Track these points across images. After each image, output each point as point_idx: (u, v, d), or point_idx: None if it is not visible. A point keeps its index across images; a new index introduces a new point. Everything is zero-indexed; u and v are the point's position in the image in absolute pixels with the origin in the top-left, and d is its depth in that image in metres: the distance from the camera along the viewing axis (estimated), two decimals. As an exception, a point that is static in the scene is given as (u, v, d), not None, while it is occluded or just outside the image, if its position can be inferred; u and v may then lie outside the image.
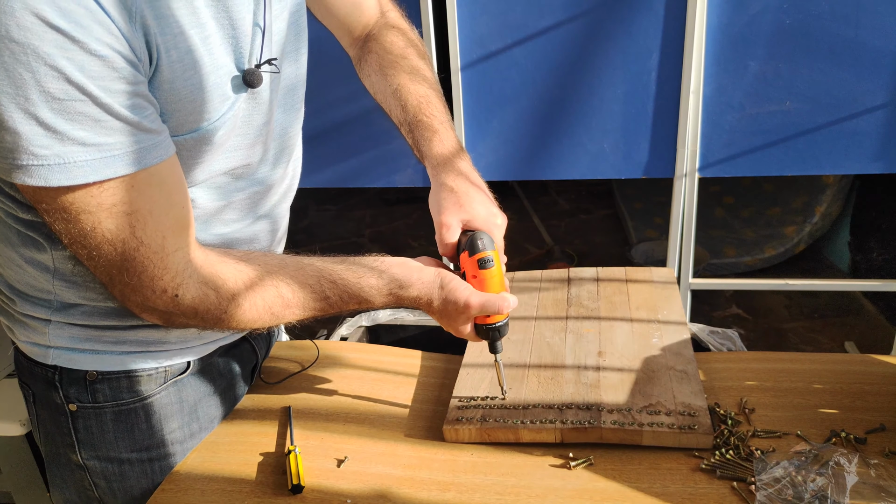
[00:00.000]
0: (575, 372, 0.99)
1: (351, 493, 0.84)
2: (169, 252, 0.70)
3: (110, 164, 0.63)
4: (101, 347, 0.82)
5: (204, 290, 0.74)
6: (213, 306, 0.75)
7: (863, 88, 1.52)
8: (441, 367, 1.10)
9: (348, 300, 0.83)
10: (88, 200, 0.63)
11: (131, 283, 0.70)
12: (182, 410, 0.91)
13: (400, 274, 0.84)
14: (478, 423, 0.91)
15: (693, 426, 0.86)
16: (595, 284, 1.23)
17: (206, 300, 0.75)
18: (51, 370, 0.83)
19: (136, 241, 0.67)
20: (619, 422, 0.88)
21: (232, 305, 0.76)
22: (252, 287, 0.77)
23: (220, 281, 0.75)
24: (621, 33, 1.57)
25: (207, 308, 0.75)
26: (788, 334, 2.57)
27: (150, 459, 0.89)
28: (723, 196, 3.33)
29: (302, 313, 0.82)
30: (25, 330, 0.83)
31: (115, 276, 0.70)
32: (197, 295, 0.74)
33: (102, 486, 0.88)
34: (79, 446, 0.86)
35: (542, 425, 0.89)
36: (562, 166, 1.73)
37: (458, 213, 0.89)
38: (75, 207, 0.63)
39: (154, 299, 0.72)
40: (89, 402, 0.84)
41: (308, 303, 0.81)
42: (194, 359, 0.90)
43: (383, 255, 0.87)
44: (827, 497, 0.75)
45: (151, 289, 0.71)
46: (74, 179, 0.61)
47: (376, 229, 3.56)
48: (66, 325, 0.81)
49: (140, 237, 0.67)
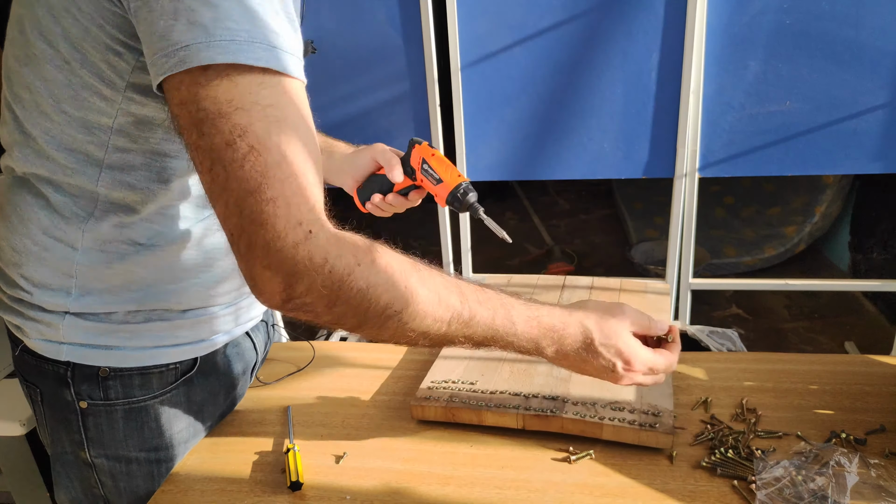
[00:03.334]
0: (549, 366, 1.01)
1: (350, 489, 0.84)
2: (310, 181, 0.64)
3: (282, 59, 0.62)
4: (115, 343, 0.82)
5: (340, 236, 0.67)
6: (348, 253, 0.66)
7: (863, 88, 1.52)
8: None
9: (485, 301, 0.75)
10: (249, 95, 0.61)
11: (264, 210, 0.62)
12: (190, 410, 0.91)
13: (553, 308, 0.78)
14: (444, 403, 0.94)
15: (654, 425, 0.86)
16: (588, 292, 1.24)
17: (342, 244, 0.66)
18: (63, 367, 0.83)
19: (279, 153, 0.62)
20: (581, 413, 0.89)
21: (368, 257, 0.67)
22: (389, 251, 0.70)
23: (361, 238, 0.69)
24: (621, 33, 1.57)
25: (341, 253, 0.65)
26: (788, 334, 2.57)
27: (157, 460, 0.89)
28: (723, 196, 3.33)
29: (434, 297, 0.71)
30: (38, 326, 0.83)
31: (247, 202, 0.62)
32: (333, 236, 0.65)
33: (109, 484, 0.88)
34: (88, 444, 0.86)
35: (505, 410, 0.91)
36: (562, 166, 1.73)
37: (384, 148, 0.99)
38: (235, 102, 0.61)
39: (286, 234, 0.62)
40: (101, 399, 0.84)
41: (446, 292, 0.72)
42: (202, 355, 0.90)
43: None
44: (827, 497, 0.75)
45: (286, 219, 0.62)
46: (258, 60, 0.61)
47: (376, 229, 3.54)
48: (81, 319, 0.81)
49: (284, 151, 0.62)
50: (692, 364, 1.06)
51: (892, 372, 1.01)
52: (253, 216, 0.62)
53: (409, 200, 1.00)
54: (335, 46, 1.70)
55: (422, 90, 1.69)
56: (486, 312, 0.74)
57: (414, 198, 1.00)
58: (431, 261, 0.81)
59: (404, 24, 1.64)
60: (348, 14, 1.66)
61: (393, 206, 1.01)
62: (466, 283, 0.75)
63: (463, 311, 0.72)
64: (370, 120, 1.76)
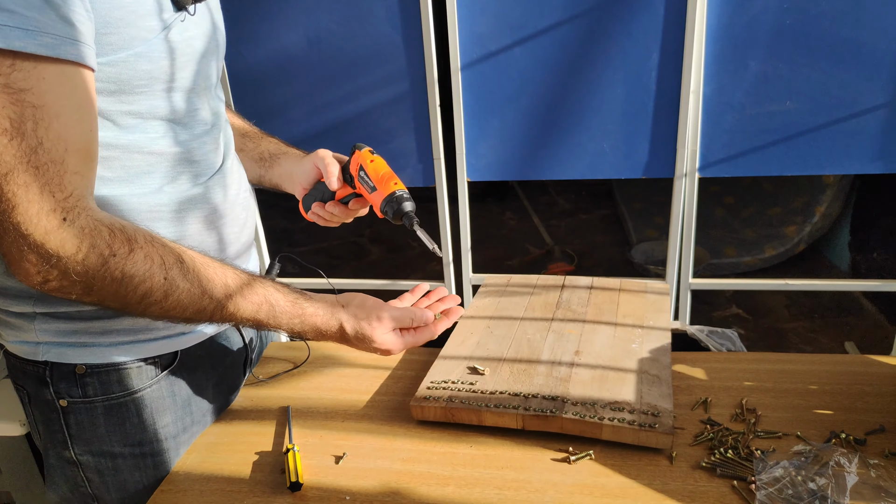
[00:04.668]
0: (548, 367, 1.01)
1: (350, 490, 0.84)
2: (68, 170, 0.65)
3: (22, 37, 0.59)
4: (89, 340, 0.82)
5: (96, 226, 0.68)
6: (102, 243, 0.67)
7: (863, 88, 1.51)
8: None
9: (249, 295, 0.79)
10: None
11: (17, 193, 0.62)
12: (175, 404, 0.91)
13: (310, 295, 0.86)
14: (443, 403, 0.94)
15: (654, 425, 0.86)
16: (588, 292, 1.24)
17: (96, 234, 0.67)
18: (41, 367, 0.83)
19: (35, 139, 0.62)
20: (581, 413, 0.89)
21: (124, 248, 0.69)
22: (152, 241, 0.72)
23: (119, 225, 0.70)
24: (621, 33, 1.57)
25: (95, 243, 0.67)
26: (788, 334, 2.57)
27: (143, 454, 0.89)
28: (723, 196, 3.33)
29: (197, 290, 0.74)
30: (13, 330, 0.83)
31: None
32: (88, 226, 0.67)
33: (96, 480, 0.88)
34: (71, 442, 0.86)
35: (504, 410, 0.91)
36: (562, 166, 1.73)
37: (324, 154, 0.98)
38: None
39: (37, 221, 0.64)
40: (80, 396, 0.84)
41: (210, 285, 0.75)
42: (182, 349, 0.89)
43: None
44: (827, 497, 0.75)
45: (39, 204, 0.63)
46: None
47: (376, 229, 3.56)
48: (51, 319, 0.81)
49: (41, 137, 0.62)
50: (692, 364, 1.06)
51: (892, 372, 1.01)
52: (6, 198, 0.63)
53: (351, 209, 0.98)
54: (335, 46, 1.70)
55: (422, 90, 1.69)
56: (250, 307, 0.79)
57: (355, 206, 0.98)
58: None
59: (404, 24, 1.64)
60: (348, 14, 1.66)
61: (335, 215, 1.00)
62: (237, 275, 0.79)
63: (227, 304, 0.77)
64: (370, 120, 1.76)
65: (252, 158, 1.04)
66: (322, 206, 0.99)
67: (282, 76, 1.73)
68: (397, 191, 0.88)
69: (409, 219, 0.88)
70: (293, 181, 1.02)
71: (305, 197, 1.01)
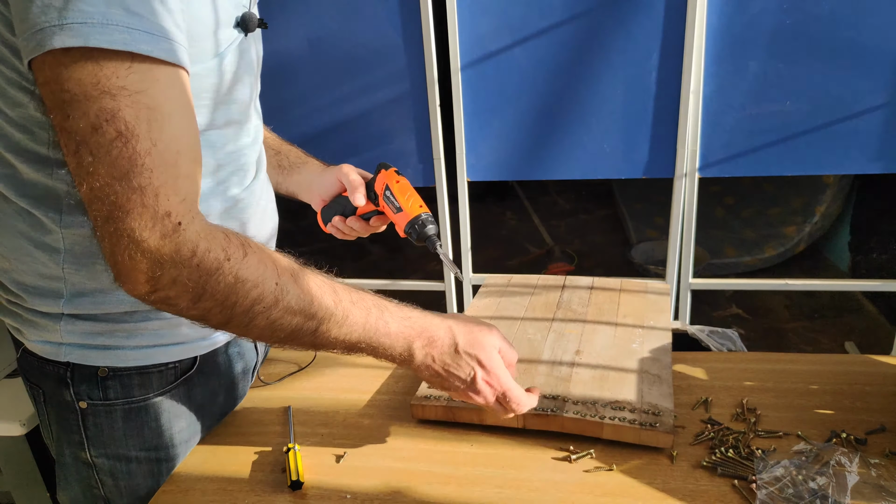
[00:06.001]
0: (549, 366, 1.01)
1: (350, 489, 0.84)
2: (181, 173, 0.64)
3: (147, 41, 0.60)
4: (114, 343, 0.82)
5: (212, 230, 0.66)
6: (218, 246, 0.66)
7: (863, 88, 1.52)
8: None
9: (358, 301, 0.77)
10: (115, 79, 0.60)
11: (131, 198, 0.61)
12: (190, 409, 0.91)
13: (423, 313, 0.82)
14: (444, 402, 0.94)
15: (655, 424, 0.86)
16: (588, 292, 1.24)
17: (212, 237, 0.66)
18: (63, 367, 0.83)
19: (150, 142, 0.61)
20: (582, 413, 0.89)
21: (239, 252, 0.67)
22: (262, 248, 0.71)
23: (231, 230, 0.69)
24: (621, 33, 1.57)
25: (211, 247, 0.65)
26: (788, 334, 2.57)
27: (157, 459, 0.89)
28: (723, 196, 3.33)
29: (307, 297, 0.72)
30: (37, 329, 0.83)
31: (113, 189, 0.61)
32: (204, 229, 0.65)
33: (109, 484, 0.88)
34: (88, 444, 0.86)
35: None
36: (562, 166, 1.73)
37: (349, 170, 0.98)
38: (101, 86, 0.59)
39: (153, 224, 0.62)
40: (100, 399, 0.84)
41: (319, 292, 0.73)
42: (202, 354, 0.90)
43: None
44: (828, 496, 0.75)
45: (154, 209, 0.62)
46: (113, 43, 0.58)
47: (376, 230, 3.54)
48: (77, 320, 0.81)
49: (155, 139, 0.61)
50: (692, 364, 1.06)
51: (892, 372, 1.01)
52: (119, 203, 0.61)
53: (371, 226, 0.99)
54: (335, 46, 1.71)
55: (422, 90, 1.69)
56: (360, 312, 0.75)
57: (376, 223, 0.98)
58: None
59: (404, 24, 1.64)
60: (348, 14, 1.66)
61: (354, 230, 1.00)
62: (342, 284, 0.76)
63: (336, 310, 0.73)
64: (370, 120, 1.76)
65: (271, 165, 1.04)
66: (343, 220, 0.99)
67: (282, 76, 1.73)
68: (422, 214, 0.91)
69: (431, 242, 0.91)
70: (311, 192, 1.02)
71: (325, 209, 1.02)
